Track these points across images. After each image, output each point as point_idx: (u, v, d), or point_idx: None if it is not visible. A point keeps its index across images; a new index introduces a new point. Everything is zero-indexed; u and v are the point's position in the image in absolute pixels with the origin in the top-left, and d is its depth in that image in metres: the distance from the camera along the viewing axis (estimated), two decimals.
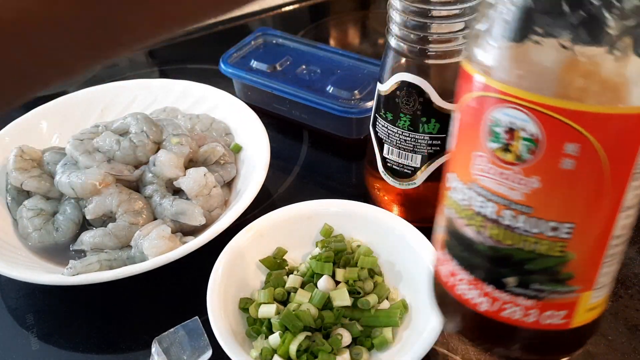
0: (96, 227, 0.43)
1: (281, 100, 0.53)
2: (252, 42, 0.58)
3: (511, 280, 0.23)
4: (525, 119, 0.20)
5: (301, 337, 0.33)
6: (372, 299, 0.36)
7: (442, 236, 0.26)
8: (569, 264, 0.22)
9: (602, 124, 0.20)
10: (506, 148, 0.21)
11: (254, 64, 0.55)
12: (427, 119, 0.37)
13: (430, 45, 0.34)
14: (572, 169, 0.20)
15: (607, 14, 0.19)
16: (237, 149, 0.49)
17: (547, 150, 0.20)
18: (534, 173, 0.21)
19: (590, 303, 0.24)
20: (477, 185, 0.23)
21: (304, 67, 0.54)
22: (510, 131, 0.21)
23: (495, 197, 0.22)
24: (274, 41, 0.59)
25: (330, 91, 0.50)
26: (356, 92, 0.50)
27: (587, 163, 0.20)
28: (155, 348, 0.34)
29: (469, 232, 0.24)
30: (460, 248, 0.24)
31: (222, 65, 0.55)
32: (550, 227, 0.21)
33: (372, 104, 0.41)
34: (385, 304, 0.37)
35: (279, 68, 0.54)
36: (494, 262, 0.23)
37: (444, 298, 0.26)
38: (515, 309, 0.23)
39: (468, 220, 0.24)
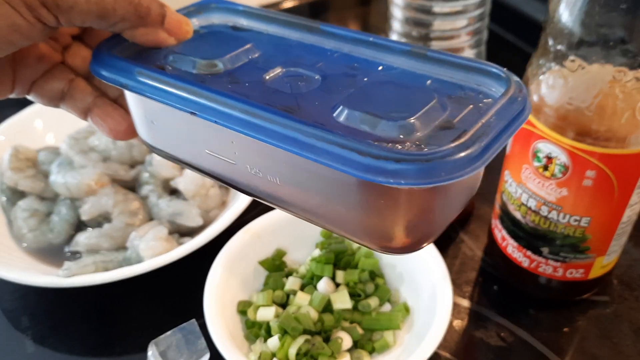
0: (92, 228, 0.42)
1: (220, 138, 0.21)
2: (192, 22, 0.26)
3: (545, 249, 0.34)
4: (559, 152, 0.30)
5: (301, 340, 0.33)
6: (373, 301, 0.35)
7: (497, 210, 0.37)
8: (587, 241, 0.33)
9: (612, 160, 0.29)
10: (545, 167, 0.31)
11: (173, 58, 0.23)
12: None
13: (433, 43, 0.34)
14: (591, 186, 0.30)
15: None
16: None
17: (573, 173, 0.30)
18: (564, 186, 0.31)
19: (603, 264, 0.35)
20: (524, 186, 0.33)
21: (282, 69, 0.22)
22: (549, 157, 0.31)
23: (536, 197, 0.33)
24: (238, 23, 0.26)
25: (343, 119, 0.19)
26: (413, 120, 0.18)
27: (601, 183, 0.30)
28: (151, 351, 0.33)
29: (517, 215, 0.35)
30: (510, 223, 0.36)
31: (96, 58, 0.23)
32: (574, 219, 0.32)
33: (473, 148, 0.17)
34: (386, 307, 0.36)
35: (228, 67, 0.22)
36: (534, 237, 0.34)
37: (498, 253, 0.38)
38: (547, 267, 0.35)
39: (517, 207, 0.34)
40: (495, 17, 0.41)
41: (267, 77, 0.22)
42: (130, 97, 0.24)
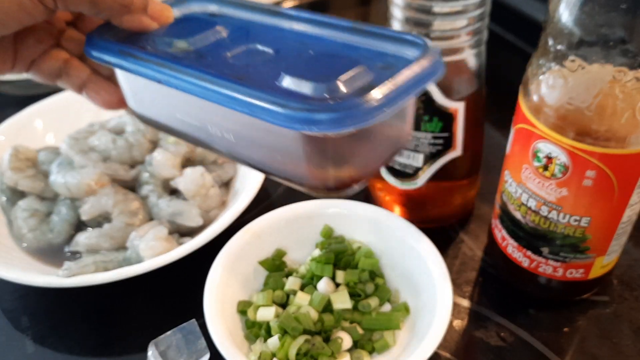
0: (92, 228, 0.42)
1: (185, 105, 0.27)
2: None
3: (545, 249, 0.34)
4: (559, 152, 0.30)
5: (301, 340, 0.33)
6: (373, 301, 0.35)
7: (497, 210, 0.37)
8: (587, 241, 0.33)
9: (612, 160, 0.29)
10: (545, 167, 0.31)
11: (154, 40, 0.27)
12: (430, 118, 0.36)
13: (433, 43, 0.34)
14: (591, 186, 0.30)
15: None
16: None
17: (573, 173, 0.30)
18: (564, 186, 0.31)
19: (603, 264, 0.35)
20: (524, 186, 0.33)
21: (245, 46, 0.27)
22: (549, 157, 0.30)
23: (536, 197, 0.33)
24: (208, 8, 0.31)
25: (284, 84, 0.23)
26: (341, 80, 0.22)
27: (601, 183, 0.30)
28: (151, 351, 0.33)
29: (517, 215, 0.34)
30: (510, 223, 0.35)
31: (90, 41, 0.27)
32: (574, 219, 0.32)
33: (374, 102, 0.21)
34: (386, 307, 0.36)
35: (198, 45, 0.27)
36: (534, 237, 0.34)
37: (498, 253, 0.38)
38: (547, 267, 0.35)
39: (517, 207, 0.34)
40: (495, 17, 0.41)
41: (229, 54, 0.26)
42: (118, 73, 0.28)
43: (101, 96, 0.29)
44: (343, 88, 0.22)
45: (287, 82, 0.23)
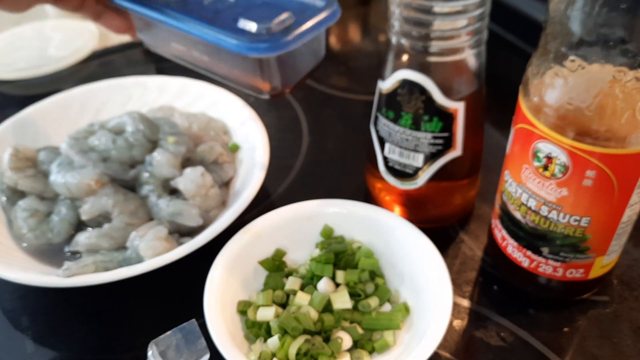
0: (92, 228, 0.42)
1: (179, 37, 0.41)
2: None
3: (545, 249, 0.34)
4: (559, 152, 0.30)
5: (301, 340, 0.33)
6: (373, 301, 0.35)
7: (497, 210, 0.37)
8: (587, 241, 0.33)
9: (612, 160, 0.29)
10: (545, 167, 0.31)
11: None
12: (430, 118, 0.36)
13: (433, 42, 0.34)
14: (591, 186, 0.30)
15: None
16: (235, 148, 0.49)
17: (573, 173, 0.30)
18: (564, 186, 0.31)
19: (603, 264, 0.35)
20: (524, 186, 0.33)
21: None
22: (549, 157, 0.30)
23: (536, 197, 0.33)
24: None
25: (239, 25, 0.36)
26: (273, 24, 0.35)
27: (601, 183, 0.30)
28: (151, 351, 0.33)
29: (517, 214, 0.35)
30: (510, 223, 0.36)
31: None
32: (574, 219, 0.32)
33: (292, 36, 0.35)
34: (386, 307, 0.36)
35: None
36: (534, 237, 0.34)
37: (498, 253, 0.38)
38: (547, 267, 0.35)
39: (517, 207, 0.34)
40: (495, 17, 0.41)
41: (206, 2, 0.39)
42: (131, 12, 0.41)
43: (113, 24, 0.42)
44: (275, 27, 0.35)
45: (242, 23, 0.36)
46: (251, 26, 0.36)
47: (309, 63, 0.40)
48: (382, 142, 0.40)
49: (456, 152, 0.38)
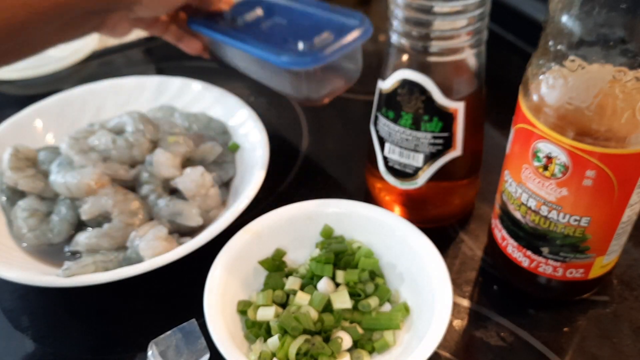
0: (92, 228, 0.42)
1: (240, 56, 0.49)
2: None
3: (545, 249, 0.34)
4: (559, 152, 0.30)
5: (300, 340, 0.33)
6: (373, 301, 0.35)
7: (497, 210, 0.37)
8: (587, 241, 0.33)
9: (612, 160, 0.29)
10: (545, 167, 0.31)
11: (223, 17, 0.50)
12: (430, 118, 0.36)
13: (433, 42, 0.34)
14: (591, 186, 0.30)
15: None
16: (235, 148, 0.49)
17: (573, 173, 0.30)
18: (564, 186, 0.31)
19: (603, 264, 0.35)
20: (524, 186, 0.33)
21: (270, 21, 0.48)
22: (549, 157, 0.30)
23: (536, 197, 0.33)
24: None
25: (289, 44, 0.44)
26: (316, 41, 0.42)
27: (601, 183, 0.30)
28: (151, 351, 0.33)
29: (517, 214, 0.35)
30: (510, 223, 0.36)
31: (190, 20, 0.51)
32: (574, 219, 0.32)
33: (331, 50, 0.41)
34: (386, 307, 0.36)
35: (247, 20, 0.49)
36: (534, 237, 0.34)
37: (498, 253, 0.38)
38: (547, 267, 0.35)
39: (517, 207, 0.34)
40: (495, 17, 0.41)
41: (263, 25, 0.48)
42: (204, 35, 0.50)
43: (191, 46, 0.51)
44: (317, 44, 0.42)
45: (291, 43, 0.43)
46: (298, 45, 0.43)
47: (347, 76, 0.47)
48: (382, 142, 0.40)
49: (456, 152, 0.38)
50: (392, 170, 0.40)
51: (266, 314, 0.34)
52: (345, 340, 0.34)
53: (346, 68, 0.46)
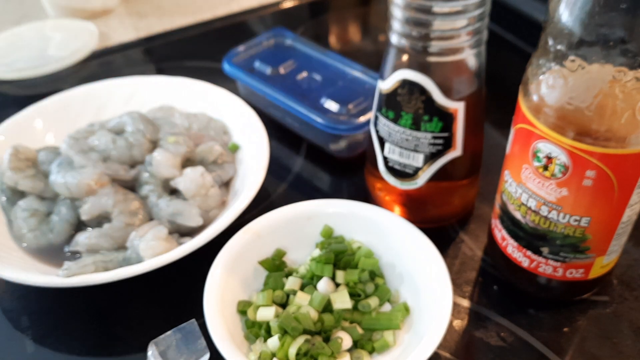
0: (92, 228, 0.42)
1: (275, 106, 0.51)
2: (263, 43, 0.57)
3: (545, 249, 0.34)
4: (559, 152, 0.30)
5: (300, 340, 0.33)
6: (373, 301, 0.35)
7: (497, 210, 0.37)
8: (587, 241, 0.33)
9: (612, 160, 0.29)
10: (545, 167, 0.31)
11: (257, 64, 0.54)
12: (429, 118, 0.36)
13: (433, 42, 0.34)
14: (591, 186, 0.30)
15: None
16: (235, 148, 0.49)
17: (573, 173, 0.30)
18: (564, 186, 0.31)
19: (603, 264, 0.35)
20: (524, 186, 0.33)
21: (305, 73, 0.52)
22: (549, 157, 0.31)
23: (536, 197, 0.33)
24: (286, 43, 0.57)
25: (324, 103, 0.48)
26: (350, 106, 0.47)
27: (601, 183, 0.30)
28: (151, 351, 0.33)
29: (517, 215, 0.35)
30: (510, 223, 0.36)
31: (225, 63, 0.54)
32: (574, 219, 0.32)
33: (365, 119, 0.45)
34: (386, 307, 0.36)
35: (281, 72, 0.53)
36: (534, 237, 0.34)
37: (498, 253, 0.38)
38: (547, 267, 0.35)
39: (517, 207, 0.34)
40: (495, 17, 0.41)
41: (297, 77, 0.52)
42: (239, 83, 0.55)
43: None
44: (352, 110, 0.47)
45: (326, 102, 0.48)
46: (333, 106, 0.47)
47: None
48: (382, 142, 0.40)
49: (456, 152, 0.38)
50: (392, 170, 0.40)
51: (266, 314, 0.34)
52: (345, 340, 0.34)
53: None
